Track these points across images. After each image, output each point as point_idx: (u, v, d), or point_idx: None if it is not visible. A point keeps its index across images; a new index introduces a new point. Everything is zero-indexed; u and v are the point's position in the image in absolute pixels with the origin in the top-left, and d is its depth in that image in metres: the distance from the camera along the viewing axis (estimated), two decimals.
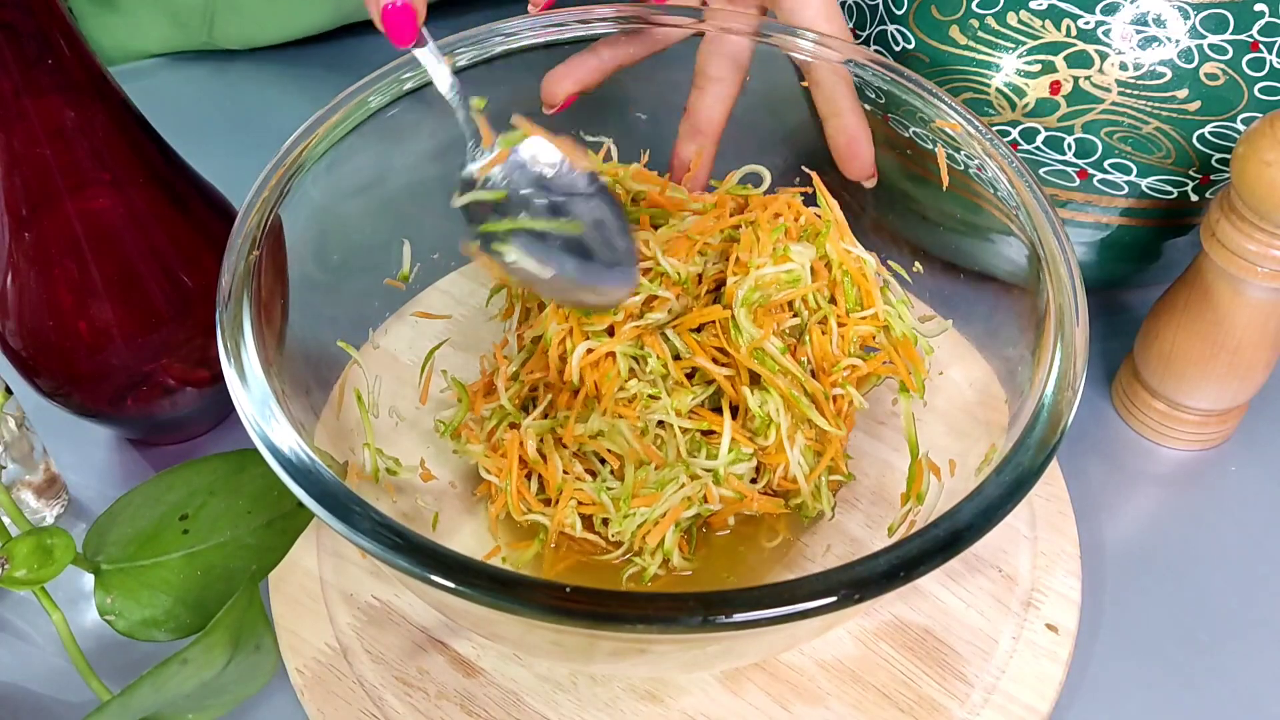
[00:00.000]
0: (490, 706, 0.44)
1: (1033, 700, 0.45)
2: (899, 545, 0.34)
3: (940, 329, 0.50)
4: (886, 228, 0.52)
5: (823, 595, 0.33)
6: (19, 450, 0.49)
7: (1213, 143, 0.49)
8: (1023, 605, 0.48)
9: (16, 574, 0.39)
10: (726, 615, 0.32)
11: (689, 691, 0.45)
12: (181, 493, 0.43)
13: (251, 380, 0.37)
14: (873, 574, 0.33)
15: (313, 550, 0.48)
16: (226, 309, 0.39)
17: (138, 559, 0.41)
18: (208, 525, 0.42)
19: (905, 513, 0.46)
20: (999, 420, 0.42)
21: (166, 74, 0.74)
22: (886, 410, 0.52)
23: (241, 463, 0.43)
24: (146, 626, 0.40)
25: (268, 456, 0.36)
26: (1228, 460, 0.56)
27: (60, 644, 0.48)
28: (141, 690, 0.36)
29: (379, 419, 0.47)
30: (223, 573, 0.41)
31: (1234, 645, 0.49)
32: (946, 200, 0.49)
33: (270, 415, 0.36)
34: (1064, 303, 0.40)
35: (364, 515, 0.34)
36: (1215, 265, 0.48)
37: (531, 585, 0.33)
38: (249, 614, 0.37)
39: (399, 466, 0.47)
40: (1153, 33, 0.48)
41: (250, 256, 0.40)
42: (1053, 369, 0.39)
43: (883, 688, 0.45)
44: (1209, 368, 0.51)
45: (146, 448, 0.55)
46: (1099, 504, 0.54)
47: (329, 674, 0.45)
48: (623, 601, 0.33)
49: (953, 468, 0.43)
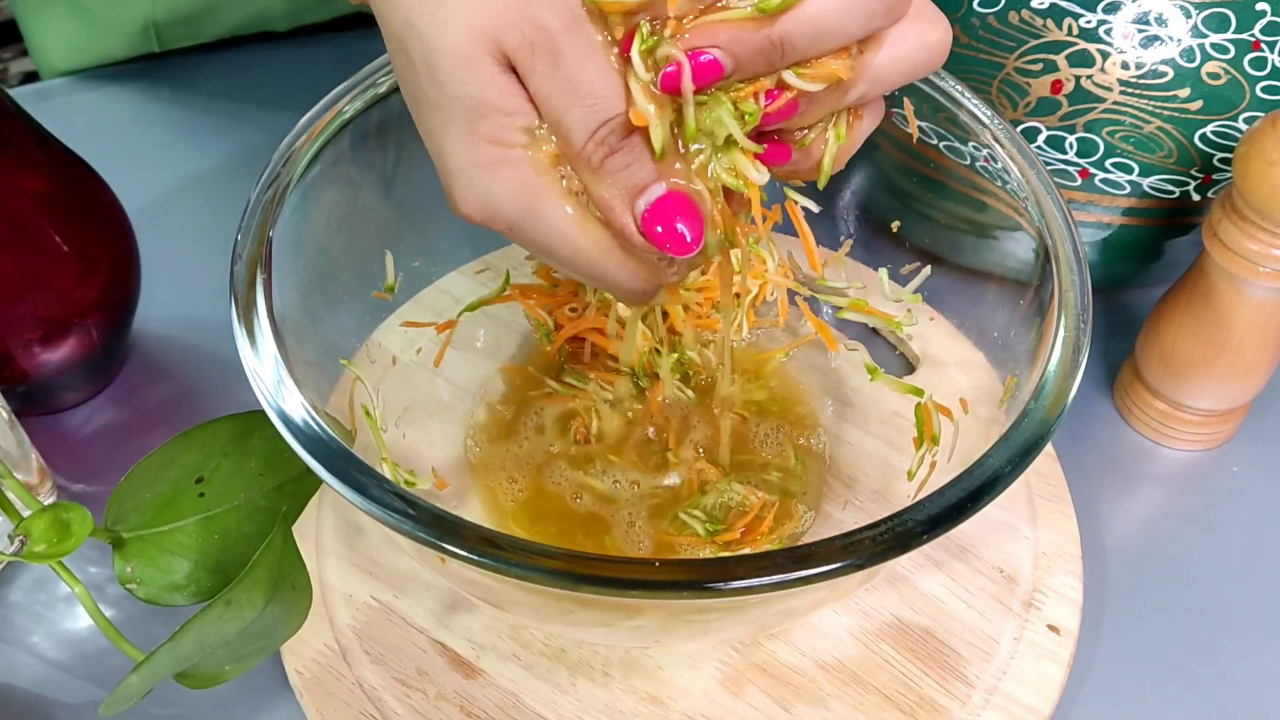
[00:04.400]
0: (490, 708, 0.44)
1: (1034, 701, 0.45)
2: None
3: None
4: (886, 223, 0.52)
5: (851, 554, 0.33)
6: (9, 445, 0.49)
7: (1215, 142, 0.49)
8: (1024, 606, 0.47)
9: (36, 549, 0.39)
10: (798, 565, 0.33)
11: (689, 693, 0.45)
12: (196, 455, 0.43)
13: (263, 350, 0.38)
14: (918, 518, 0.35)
15: (312, 551, 0.48)
16: (240, 273, 0.39)
17: (156, 524, 0.41)
18: (222, 488, 0.42)
19: (920, 455, 0.46)
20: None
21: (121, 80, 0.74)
22: (887, 410, 0.52)
23: (249, 425, 0.43)
24: (168, 591, 0.41)
25: (280, 426, 0.36)
26: (1230, 461, 0.56)
27: (60, 644, 0.48)
28: (188, 636, 0.36)
29: (387, 432, 0.48)
30: (239, 535, 0.42)
31: (1236, 646, 0.49)
32: (952, 197, 0.49)
33: (281, 384, 0.37)
34: (1069, 286, 0.41)
35: (377, 485, 0.35)
36: (1217, 265, 0.48)
37: (541, 552, 0.33)
38: (284, 553, 0.38)
39: (415, 478, 0.47)
40: (1154, 32, 0.48)
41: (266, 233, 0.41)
42: (1056, 343, 0.39)
43: (884, 689, 0.45)
44: (1211, 368, 0.51)
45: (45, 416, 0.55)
46: (1101, 504, 0.53)
47: (328, 675, 0.45)
48: (639, 568, 0.34)
49: (965, 406, 0.43)
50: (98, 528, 0.40)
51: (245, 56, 0.74)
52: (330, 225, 0.47)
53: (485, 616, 0.47)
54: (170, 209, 0.65)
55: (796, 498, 0.49)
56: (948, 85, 0.46)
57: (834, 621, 0.47)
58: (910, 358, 0.54)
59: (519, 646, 0.46)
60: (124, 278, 0.53)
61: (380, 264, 0.50)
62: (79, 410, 0.56)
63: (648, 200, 0.33)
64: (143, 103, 0.71)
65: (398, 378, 0.51)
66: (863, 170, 0.53)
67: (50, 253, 0.50)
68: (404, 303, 0.53)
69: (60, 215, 0.50)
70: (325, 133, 0.44)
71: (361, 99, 0.45)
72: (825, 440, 0.52)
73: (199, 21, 0.71)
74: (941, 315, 0.51)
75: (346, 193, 0.47)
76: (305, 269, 0.44)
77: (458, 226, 0.45)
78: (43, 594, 0.49)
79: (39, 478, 0.50)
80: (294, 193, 0.43)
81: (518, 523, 0.49)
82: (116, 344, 0.55)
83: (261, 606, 0.38)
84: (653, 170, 0.33)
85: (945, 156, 0.49)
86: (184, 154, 0.68)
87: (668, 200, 0.34)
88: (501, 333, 0.54)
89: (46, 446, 0.53)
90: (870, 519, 0.36)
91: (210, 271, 0.46)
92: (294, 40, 0.74)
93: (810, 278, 0.54)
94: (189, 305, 0.59)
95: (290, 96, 0.71)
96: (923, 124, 0.48)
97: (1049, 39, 0.49)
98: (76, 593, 0.39)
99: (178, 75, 0.73)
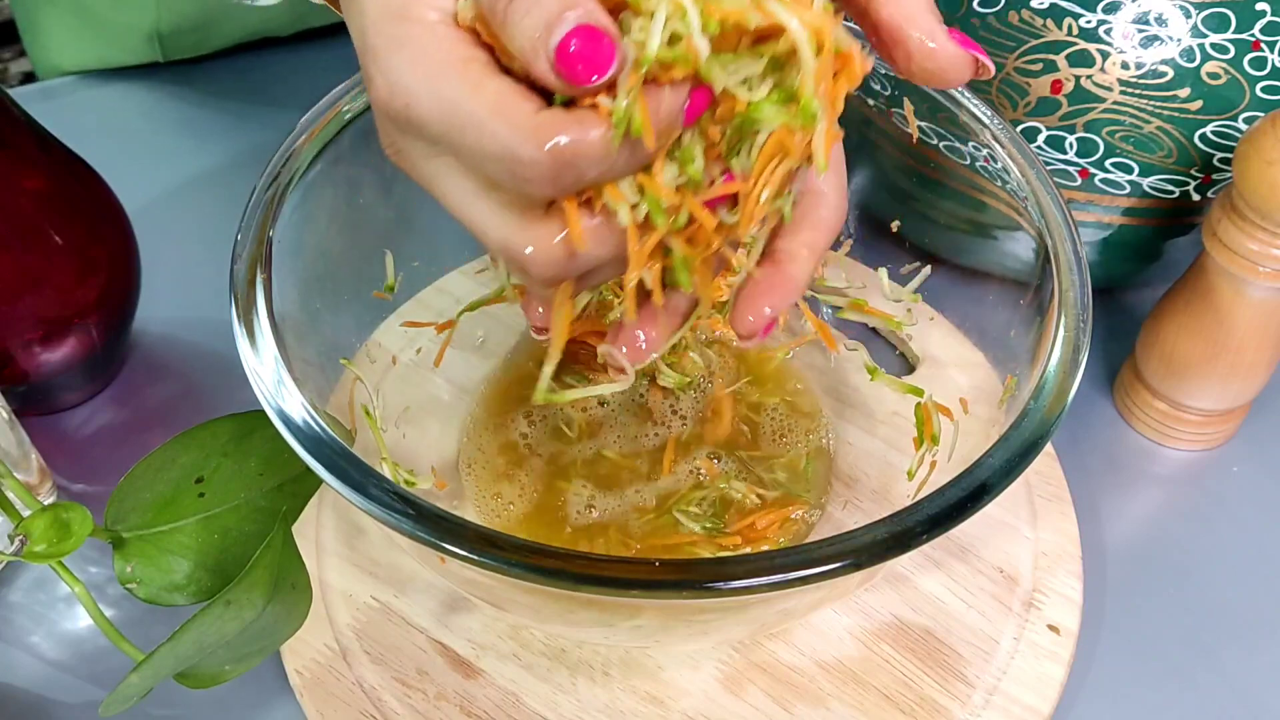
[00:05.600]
0: (490, 708, 0.44)
1: (1034, 701, 0.45)
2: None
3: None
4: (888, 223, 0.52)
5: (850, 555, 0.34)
6: (9, 445, 0.49)
7: (1214, 142, 0.49)
8: (1024, 606, 0.47)
9: (36, 549, 0.39)
10: (798, 565, 0.33)
11: (689, 693, 0.45)
12: (196, 455, 0.43)
13: (263, 349, 0.38)
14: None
15: (312, 551, 0.48)
16: (240, 273, 0.39)
17: (156, 524, 0.42)
18: (222, 488, 0.42)
19: (920, 455, 0.46)
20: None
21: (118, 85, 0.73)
22: (887, 410, 0.52)
23: (250, 425, 0.43)
24: (168, 591, 0.41)
25: (280, 426, 0.36)
26: (1230, 460, 0.56)
27: (60, 644, 0.48)
28: (188, 636, 0.36)
29: (387, 432, 0.47)
30: (239, 535, 0.42)
31: (1236, 646, 0.49)
32: (951, 197, 0.49)
33: (281, 384, 0.37)
34: (1069, 286, 0.41)
35: (377, 485, 0.35)
36: (1217, 265, 0.48)
37: (541, 552, 0.33)
38: (284, 553, 0.38)
39: (415, 478, 0.47)
40: (1154, 31, 0.48)
41: (266, 231, 0.41)
42: (1056, 343, 0.39)
43: (884, 689, 0.45)
44: (1211, 368, 0.51)
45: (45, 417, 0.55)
46: (1101, 504, 0.53)
47: (328, 675, 0.45)
48: (637, 567, 0.34)
49: (965, 406, 0.43)
50: (98, 528, 0.40)
51: (246, 57, 0.74)
52: (330, 225, 0.47)
53: (485, 616, 0.47)
54: (170, 209, 0.65)
55: (801, 497, 0.49)
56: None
57: (834, 621, 0.47)
58: (910, 358, 0.54)
59: (519, 646, 0.46)
60: (124, 278, 0.53)
61: (380, 264, 0.50)
62: (79, 410, 0.56)
63: (562, 30, 0.31)
64: (143, 103, 0.71)
65: (398, 378, 0.51)
66: (863, 170, 0.53)
67: (50, 253, 0.50)
68: (404, 303, 0.53)
69: (60, 215, 0.50)
70: (325, 133, 0.44)
71: (361, 99, 0.45)
72: (832, 438, 0.52)
73: (203, 32, 0.71)
74: (941, 315, 0.51)
75: (346, 193, 0.47)
76: (305, 269, 0.44)
77: (458, 226, 0.44)
78: (43, 594, 0.49)
79: (39, 478, 0.50)
80: (294, 193, 0.43)
81: (518, 524, 0.49)
82: (116, 344, 0.55)
83: (261, 606, 0.38)
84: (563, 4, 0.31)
85: (945, 156, 0.49)
86: (184, 154, 0.68)
87: (581, 29, 0.31)
88: (501, 333, 0.54)
89: (46, 446, 0.53)
90: (870, 519, 0.36)
91: (210, 271, 0.46)
92: (294, 41, 0.74)
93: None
94: (189, 305, 0.59)
95: (290, 96, 0.71)
96: (923, 124, 0.48)
97: (1049, 39, 0.49)
98: (76, 593, 0.39)
99: (178, 75, 0.73)
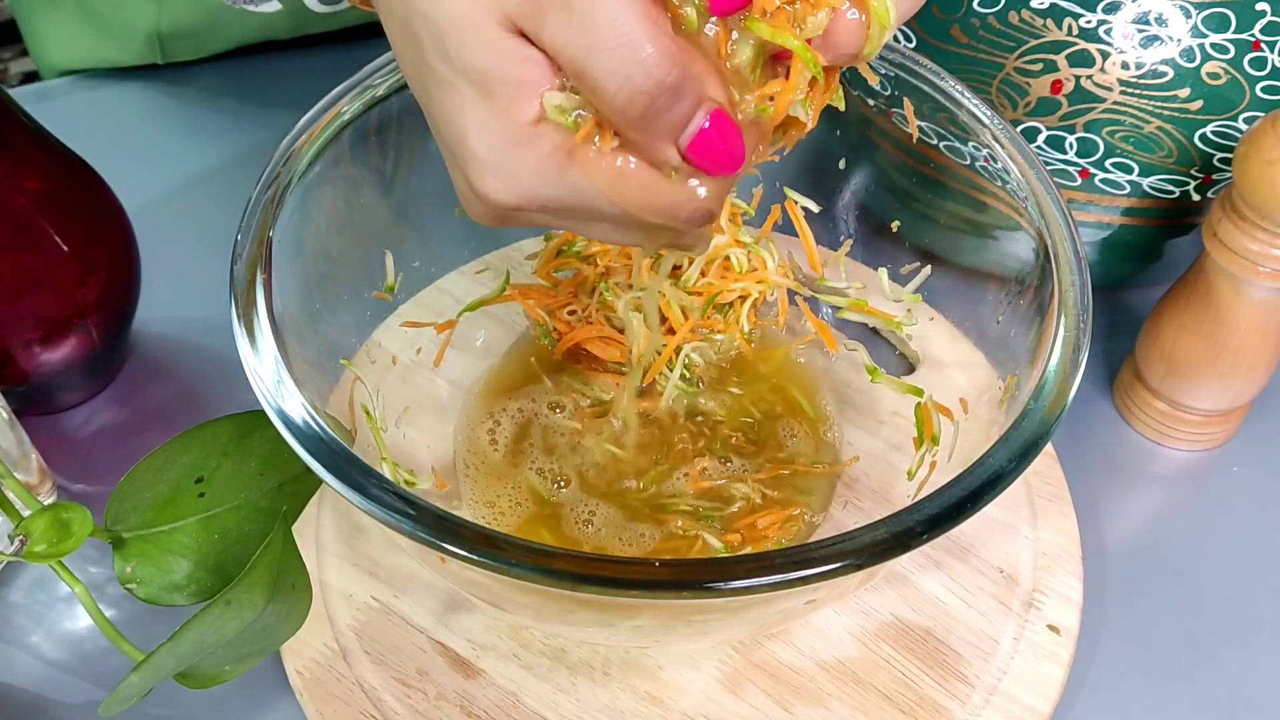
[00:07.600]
0: (490, 708, 0.44)
1: (1034, 701, 0.45)
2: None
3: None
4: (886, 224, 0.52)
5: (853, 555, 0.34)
6: (9, 445, 0.49)
7: (1214, 142, 0.49)
8: (1024, 606, 0.47)
9: (36, 549, 0.39)
10: (798, 565, 0.33)
11: (689, 693, 0.45)
12: (196, 455, 0.43)
13: (263, 349, 0.38)
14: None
15: (312, 551, 0.48)
16: (240, 273, 0.39)
17: (156, 524, 0.42)
18: (222, 488, 0.42)
19: (920, 455, 0.46)
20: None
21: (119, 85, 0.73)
22: (887, 410, 0.52)
23: (249, 425, 0.43)
24: (168, 591, 0.41)
25: (280, 426, 0.36)
26: (1230, 461, 0.56)
27: (60, 644, 0.48)
28: (188, 636, 0.36)
29: (387, 432, 0.48)
30: (239, 536, 0.42)
31: (1236, 646, 0.49)
32: (952, 197, 0.49)
33: (281, 384, 0.37)
34: (1069, 286, 0.41)
35: (377, 485, 0.35)
36: (1217, 265, 0.48)
37: (541, 552, 0.33)
38: (285, 553, 0.38)
39: (415, 478, 0.47)
40: (1154, 31, 0.48)
41: (266, 232, 0.41)
42: (1056, 343, 0.39)
43: (884, 689, 0.45)
44: (1211, 368, 0.51)
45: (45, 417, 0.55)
46: (1101, 504, 0.53)
47: (328, 675, 0.45)
48: (640, 567, 0.34)
49: (965, 406, 0.43)
50: (98, 528, 0.40)
51: (246, 58, 0.74)
52: (330, 225, 0.47)
53: (485, 616, 0.47)
54: (170, 209, 0.65)
55: (805, 497, 0.49)
56: (948, 85, 0.46)
57: (834, 621, 0.47)
58: (910, 358, 0.54)
59: (519, 646, 0.46)
60: (124, 278, 0.53)
61: (380, 264, 0.50)
62: (79, 410, 0.56)
63: (691, 132, 0.31)
64: (143, 103, 0.71)
65: (398, 378, 0.51)
66: (863, 170, 0.53)
67: (50, 253, 0.50)
68: (404, 303, 0.53)
69: (60, 215, 0.50)
70: (325, 133, 0.44)
71: (361, 100, 0.45)
72: (838, 437, 0.52)
73: (203, 34, 0.71)
74: (941, 315, 0.51)
75: (346, 193, 0.47)
76: (305, 269, 0.44)
77: (458, 226, 0.44)
78: (43, 594, 0.49)
79: (39, 478, 0.50)
80: (294, 193, 0.43)
81: (517, 526, 0.49)
82: (116, 344, 0.55)
83: (261, 606, 0.38)
84: (694, 103, 0.31)
85: (945, 156, 0.49)
86: (184, 154, 0.68)
87: (714, 126, 0.31)
88: (501, 333, 0.55)
89: (46, 446, 0.53)
90: (870, 519, 0.36)
91: (210, 271, 0.46)
92: (294, 43, 0.74)
93: (810, 278, 0.54)
94: (189, 305, 0.59)
95: (290, 97, 0.71)
96: (923, 124, 0.48)
97: (1049, 39, 0.49)
98: (76, 593, 0.39)
99: (178, 76, 0.73)
